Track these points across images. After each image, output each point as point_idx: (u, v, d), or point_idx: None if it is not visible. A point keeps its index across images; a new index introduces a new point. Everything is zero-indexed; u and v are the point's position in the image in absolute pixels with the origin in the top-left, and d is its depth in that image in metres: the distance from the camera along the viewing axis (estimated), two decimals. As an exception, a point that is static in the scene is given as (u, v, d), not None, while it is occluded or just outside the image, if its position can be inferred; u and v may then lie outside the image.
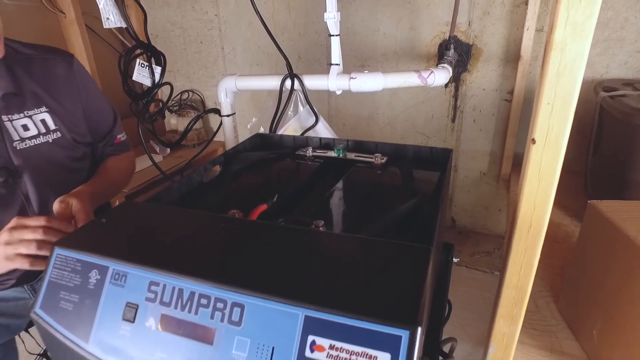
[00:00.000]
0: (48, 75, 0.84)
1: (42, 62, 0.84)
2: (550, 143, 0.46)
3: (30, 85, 0.81)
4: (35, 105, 0.81)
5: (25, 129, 0.79)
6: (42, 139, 0.81)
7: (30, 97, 0.80)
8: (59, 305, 0.46)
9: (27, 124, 0.79)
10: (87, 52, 1.98)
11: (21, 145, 0.78)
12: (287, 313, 0.37)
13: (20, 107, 0.79)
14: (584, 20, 0.41)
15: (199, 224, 0.52)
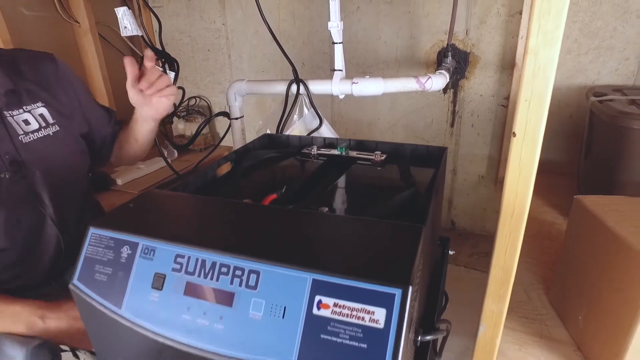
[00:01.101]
0: (37, 72, 0.87)
1: (28, 61, 0.87)
2: (529, 136, 0.52)
3: (23, 83, 0.84)
4: (32, 100, 0.84)
5: (27, 124, 0.82)
6: (43, 132, 0.84)
7: (26, 93, 0.83)
8: (95, 277, 0.52)
9: (27, 118, 0.82)
10: (99, 60, 2.06)
11: (26, 138, 0.81)
12: (297, 277, 0.43)
13: (19, 103, 0.82)
14: (553, 29, 0.47)
15: (216, 207, 0.58)
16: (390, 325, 0.39)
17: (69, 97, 0.91)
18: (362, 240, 0.48)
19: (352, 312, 0.40)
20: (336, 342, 0.40)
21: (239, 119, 1.33)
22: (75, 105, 0.92)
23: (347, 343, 0.40)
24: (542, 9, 0.47)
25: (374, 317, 0.40)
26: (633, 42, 1.38)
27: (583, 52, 1.46)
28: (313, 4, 1.91)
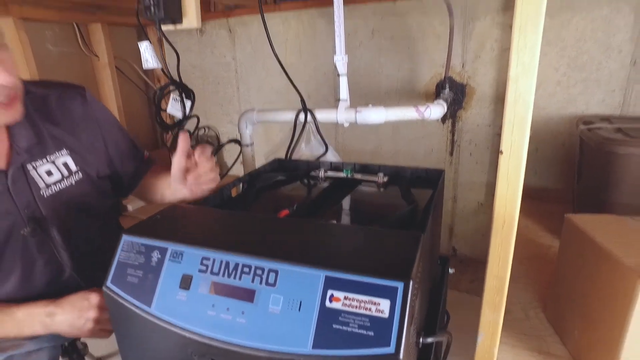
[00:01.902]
0: (65, 113, 0.83)
1: (58, 100, 0.83)
2: (514, 153, 0.59)
3: (49, 129, 0.80)
4: (56, 148, 0.81)
5: (49, 174, 0.79)
6: (66, 183, 0.81)
7: (51, 141, 0.80)
8: (127, 279, 0.57)
9: (50, 169, 0.80)
10: (115, 91, 2.18)
11: (47, 192, 0.79)
12: (312, 275, 0.49)
13: (43, 153, 0.79)
14: (530, 61, 0.55)
15: (237, 218, 0.64)
16: (394, 315, 0.44)
17: (94, 137, 0.87)
18: (368, 244, 0.54)
19: (360, 303, 0.46)
20: (346, 330, 0.45)
21: (250, 145, 1.41)
22: (99, 145, 0.88)
23: (356, 331, 0.45)
24: (519, 44, 0.55)
25: (379, 307, 0.45)
26: (617, 75, 1.48)
27: (572, 84, 1.55)
28: (318, 39, 2.03)
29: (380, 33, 1.89)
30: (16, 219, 0.76)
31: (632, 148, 1.06)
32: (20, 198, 0.75)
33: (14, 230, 0.76)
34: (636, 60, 1.45)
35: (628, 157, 1.06)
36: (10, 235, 0.75)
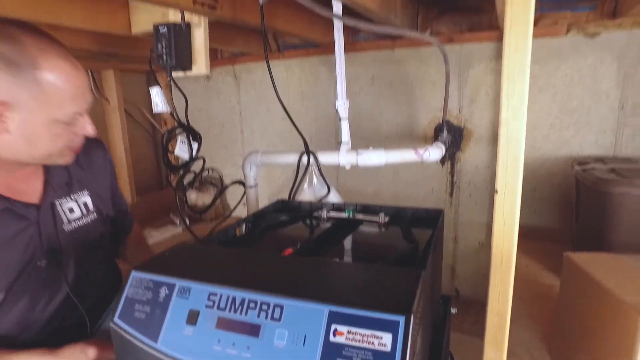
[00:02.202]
0: (88, 159, 0.93)
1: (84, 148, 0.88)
2: (509, 192, 0.62)
3: (76, 171, 0.89)
4: (79, 188, 0.89)
5: (71, 212, 0.86)
6: (84, 220, 0.88)
7: (76, 182, 0.89)
8: (134, 315, 0.59)
9: (72, 206, 0.87)
10: (123, 134, 2.25)
11: (68, 227, 0.84)
12: (316, 310, 0.50)
13: (69, 191, 0.87)
14: (519, 106, 0.59)
15: (243, 256, 0.66)
16: (396, 348, 0.45)
17: (107, 183, 0.98)
18: (370, 281, 0.56)
19: (363, 337, 0.47)
20: (350, 365, 0.46)
21: (254, 187, 1.44)
22: (109, 193, 0.99)
23: (360, 365, 0.46)
24: (508, 90, 0.59)
25: (382, 341, 0.46)
26: (607, 118, 1.54)
27: (565, 126, 1.61)
28: (320, 85, 2.12)
29: (379, 79, 1.98)
30: (36, 250, 0.79)
31: (627, 187, 1.09)
32: (45, 231, 0.80)
33: (32, 260, 0.79)
34: (624, 105, 1.51)
35: (623, 196, 1.09)
36: (28, 265, 0.78)
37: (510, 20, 0.59)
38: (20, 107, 0.69)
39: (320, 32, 1.90)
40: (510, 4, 0.58)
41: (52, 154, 0.77)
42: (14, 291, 0.78)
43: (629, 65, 1.50)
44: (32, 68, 0.68)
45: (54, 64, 0.70)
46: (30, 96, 0.69)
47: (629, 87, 1.51)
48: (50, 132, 0.74)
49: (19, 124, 0.70)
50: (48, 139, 0.74)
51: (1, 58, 0.66)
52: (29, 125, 0.71)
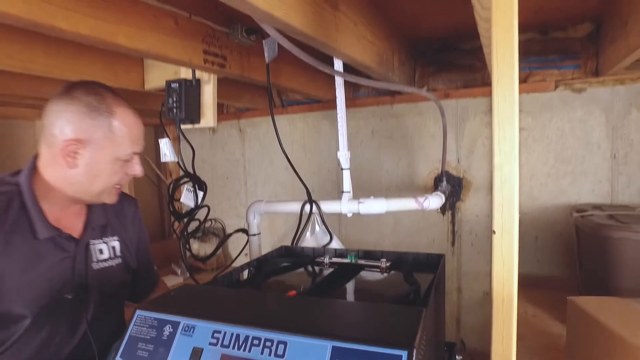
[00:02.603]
0: (121, 211, 1.04)
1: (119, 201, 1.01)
2: (506, 232, 0.64)
3: (110, 217, 1.00)
4: (111, 234, 0.99)
5: (101, 252, 0.95)
6: (110, 262, 0.97)
7: (109, 227, 0.99)
8: (136, 353, 0.59)
9: (102, 248, 0.96)
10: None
11: (96, 266, 0.93)
12: (319, 345, 0.51)
13: (102, 234, 0.97)
14: (510, 150, 0.63)
15: (247, 296, 0.67)
16: (400, 383, 0.46)
17: (134, 235, 1.07)
18: (372, 318, 0.57)
19: (367, 373, 0.47)
20: (354, 401, 0.46)
21: (257, 235, 1.46)
22: (135, 245, 1.07)
23: (363, 402, 0.46)
24: (499, 136, 0.63)
25: (385, 376, 0.46)
26: (601, 167, 1.58)
27: (561, 176, 1.65)
28: (322, 139, 2.20)
29: (379, 133, 2.05)
30: (66, 282, 0.86)
31: (625, 232, 1.10)
32: (77, 266, 0.89)
33: (61, 291, 0.85)
34: (615, 155, 1.56)
35: (622, 241, 1.10)
36: (57, 294, 0.84)
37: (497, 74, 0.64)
38: (92, 144, 0.84)
39: (322, 89, 2.01)
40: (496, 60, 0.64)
41: (104, 191, 0.90)
42: (39, 319, 0.82)
43: (616, 118, 1.57)
44: (108, 114, 0.85)
45: (124, 113, 0.88)
46: (103, 135, 0.85)
47: (618, 138, 1.57)
48: (111, 169, 0.88)
49: (88, 160, 0.85)
50: (107, 175, 0.88)
51: (87, 105, 0.84)
52: (95, 161, 0.85)
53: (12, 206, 0.82)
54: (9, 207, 0.82)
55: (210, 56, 1.29)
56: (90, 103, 0.84)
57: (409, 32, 1.71)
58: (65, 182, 0.86)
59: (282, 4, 0.86)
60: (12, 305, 0.80)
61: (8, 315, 0.80)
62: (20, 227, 0.82)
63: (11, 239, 0.80)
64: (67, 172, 0.85)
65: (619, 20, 1.31)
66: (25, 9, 0.75)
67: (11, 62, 1.12)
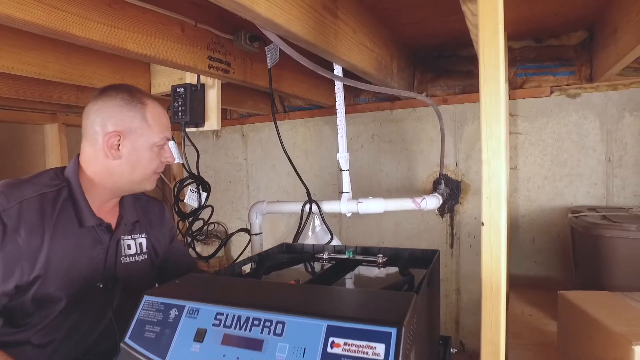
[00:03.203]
0: (149, 211, 1.12)
1: (146, 202, 1.13)
2: (493, 224, 0.67)
3: (140, 216, 1.08)
4: (139, 231, 1.06)
5: (129, 248, 1.02)
6: (136, 258, 1.03)
7: (138, 225, 1.06)
8: (144, 335, 0.62)
9: (130, 244, 1.03)
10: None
11: (124, 260, 1.00)
12: (315, 324, 0.54)
13: (132, 231, 1.04)
14: (497, 146, 0.67)
15: (248, 283, 0.71)
16: (389, 357, 0.49)
17: (164, 236, 1.13)
18: (366, 301, 0.60)
19: (359, 348, 0.51)
20: (346, 373, 0.50)
21: (259, 235, 1.50)
22: (165, 244, 1.13)
23: (355, 374, 0.49)
24: (487, 133, 0.67)
25: (375, 351, 0.50)
26: (596, 170, 1.61)
27: (557, 178, 1.68)
28: (323, 143, 2.25)
29: (379, 137, 2.10)
30: (98, 272, 0.94)
31: (617, 231, 1.13)
32: (109, 258, 0.96)
33: (93, 279, 0.93)
34: (610, 158, 1.60)
35: (614, 240, 1.13)
36: (89, 282, 0.92)
37: (484, 75, 0.68)
38: (131, 134, 0.93)
39: (323, 95, 2.06)
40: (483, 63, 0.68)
41: (144, 179, 0.98)
42: (72, 303, 0.89)
43: (610, 123, 1.61)
44: (141, 105, 0.95)
45: (153, 103, 0.98)
46: (139, 124, 0.94)
47: (613, 142, 1.61)
48: (149, 156, 0.96)
49: (129, 149, 0.93)
50: (147, 161, 0.96)
51: (122, 99, 0.94)
52: (135, 148, 0.94)
53: (61, 197, 0.90)
54: (58, 197, 0.90)
55: (215, 62, 1.34)
56: (124, 98, 0.94)
57: (407, 40, 1.76)
58: (107, 174, 0.94)
59: (283, 11, 0.90)
60: (53, 288, 0.87)
61: (48, 296, 0.87)
62: (67, 216, 0.90)
63: (59, 227, 0.88)
64: (109, 164, 0.93)
65: (609, 28, 1.35)
66: (45, 17, 0.81)
67: (26, 67, 1.18)
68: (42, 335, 0.89)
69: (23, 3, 0.78)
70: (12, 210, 0.82)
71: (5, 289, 0.82)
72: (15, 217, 0.82)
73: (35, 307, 0.87)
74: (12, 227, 0.81)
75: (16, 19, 0.78)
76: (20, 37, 1.17)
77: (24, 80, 1.48)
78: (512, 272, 1.77)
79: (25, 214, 0.84)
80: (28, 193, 0.86)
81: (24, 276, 0.83)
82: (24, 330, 0.87)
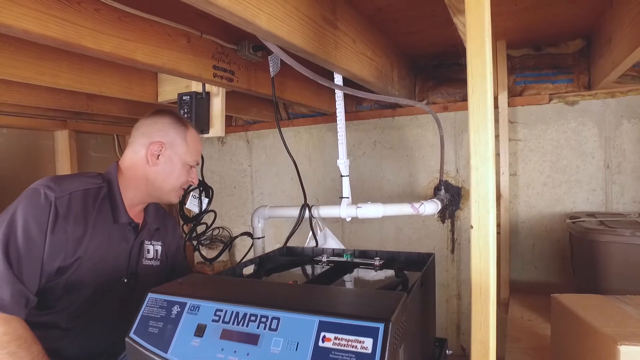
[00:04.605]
0: (166, 222, 1.21)
1: (163, 213, 1.23)
2: (482, 226, 0.70)
3: (159, 224, 1.17)
4: (157, 238, 1.15)
5: (148, 252, 1.12)
6: (153, 262, 1.12)
7: (157, 234, 1.15)
8: (148, 330, 0.66)
9: (149, 249, 1.12)
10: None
11: (144, 262, 1.10)
12: (308, 320, 0.57)
13: (152, 237, 1.13)
14: (484, 152, 0.70)
15: (246, 283, 0.74)
16: (376, 350, 0.52)
17: (172, 245, 1.22)
18: (357, 299, 0.63)
19: (348, 342, 0.54)
20: (336, 365, 0.53)
21: (261, 239, 1.53)
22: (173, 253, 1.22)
23: (345, 366, 0.52)
24: (475, 140, 0.70)
25: (364, 345, 0.53)
26: (595, 176, 1.63)
27: (557, 184, 1.70)
28: (326, 149, 2.28)
29: (381, 144, 2.13)
30: (122, 269, 1.03)
31: (612, 236, 1.15)
32: (132, 257, 1.06)
33: (118, 275, 1.02)
34: (609, 164, 1.62)
35: (609, 244, 1.15)
36: (115, 276, 1.02)
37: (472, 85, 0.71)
38: (172, 147, 1.06)
39: (326, 103, 2.10)
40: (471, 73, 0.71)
41: (172, 190, 1.09)
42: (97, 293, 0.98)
43: (608, 129, 1.63)
44: (185, 128, 1.10)
45: (193, 130, 1.13)
46: (180, 142, 1.08)
47: (611, 148, 1.63)
48: (180, 171, 1.08)
49: (166, 159, 1.06)
50: (177, 175, 1.08)
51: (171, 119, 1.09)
52: (172, 161, 1.07)
53: (101, 194, 1.01)
54: (99, 194, 1.00)
55: (220, 71, 1.39)
56: (172, 118, 1.10)
57: (408, 49, 1.80)
58: (143, 179, 1.05)
59: (284, 24, 0.95)
60: (84, 275, 0.95)
61: (79, 283, 0.95)
62: (104, 211, 1.00)
63: (98, 220, 0.98)
64: (147, 170, 1.05)
65: (605, 37, 1.38)
66: (60, 31, 0.86)
67: (42, 77, 1.23)
68: (67, 319, 0.96)
69: (40, 18, 0.83)
70: (64, 199, 0.92)
71: (50, 269, 0.90)
72: (66, 206, 0.92)
73: (65, 292, 0.94)
74: (62, 215, 0.91)
75: (33, 33, 0.83)
76: (36, 49, 1.23)
77: (38, 88, 1.54)
78: (513, 278, 1.78)
79: (73, 204, 0.94)
80: (76, 186, 0.96)
81: (66, 259, 0.92)
82: (52, 313, 0.95)
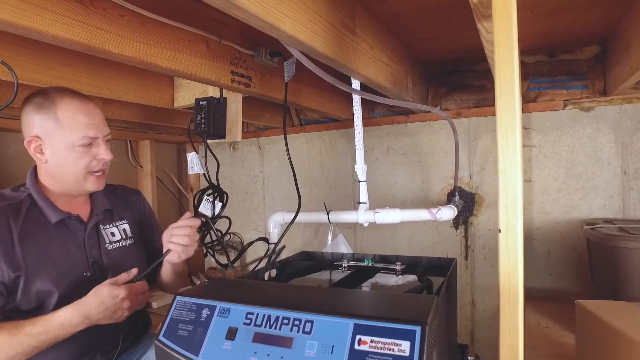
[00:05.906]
0: (126, 199, 1.18)
1: (121, 191, 1.19)
2: (510, 230, 0.70)
3: (116, 205, 1.13)
4: (119, 218, 1.12)
5: (113, 235, 1.09)
6: (123, 243, 1.10)
7: (116, 213, 1.12)
8: (177, 333, 0.66)
9: (114, 231, 1.09)
10: (153, 196, 2.41)
11: (110, 247, 1.06)
12: (343, 323, 0.57)
13: (111, 219, 1.10)
14: (513, 156, 0.70)
15: (274, 286, 0.74)
16: (414, 353, 0.52)
17: (144, 222, 1.20)
18: (390, 302, 0.63)
19: (385, 345, 0.54)
20: (373, 369, 0.52)
21: (276, 244, 1.53)
22: (147, 229, 1.20)
23: (382, 370, 0.52)
24: (503, 144, 0.70)
25: (401, 348, 0.53)
26: (612, 183, 1.62)
27: (572, 191, 1.69)
28: (338, 155, 2.29)
29: (394, 150, 2.13)
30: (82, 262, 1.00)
31: (633, 242, 1.14)
32: (89, 247, 1.02)
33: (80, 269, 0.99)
34: (626, 170, 1.61)
35: (631, 251, 1.14)
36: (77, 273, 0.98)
37: (500, 90, 0.72)
38: (48, 137, 0.95)
39: (339, 109, 2.11)
40: (499, 78, 0.72)
41: (78, 179, 0.99)
42: (66, 294, 0.95)
43: (625, 135, 1.62)
44: (53, 106, 0.95)
45: (67, 102, 0.97)
46: (52, 126, 0.95)
47: (628, 155, 1.61)
48: (72, 156, 0.96)
49: (50, 151, 0.96)
50: (71, 161, 0.97)
51: (34, 104, 0.96)
52: (55, 150, 0.96)
53: (24, 205, 0.97)
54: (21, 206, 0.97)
55: (237, 76, 1.40)
56: (36, 102, 0.96)
57: (422, 55, 1.81)
58: (48, 177, 1.00)
59: (306, 29, 0.96)
60: (40, 283, 0.93)
61: (39, 292, 0.93)
62: (34, 218, 0.97)
63: (26, 229, 0.95)
64: (45, 167, 0.99)
65: (623, 43, 1.38)
66: (86, 36, 0.87)
67: (61, 82, 1.25)
68: None
69: (68, 24, 0.84)
70: None
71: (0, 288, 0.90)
72: None
73: (33, 302, 0.93)
74: None
75: (61, 38, 0.84)
76: (55, 54, 1.25)
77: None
78: (528, 285, 1.76)
79: None
80: None
81: (4, 276, 0.90)
82: None
